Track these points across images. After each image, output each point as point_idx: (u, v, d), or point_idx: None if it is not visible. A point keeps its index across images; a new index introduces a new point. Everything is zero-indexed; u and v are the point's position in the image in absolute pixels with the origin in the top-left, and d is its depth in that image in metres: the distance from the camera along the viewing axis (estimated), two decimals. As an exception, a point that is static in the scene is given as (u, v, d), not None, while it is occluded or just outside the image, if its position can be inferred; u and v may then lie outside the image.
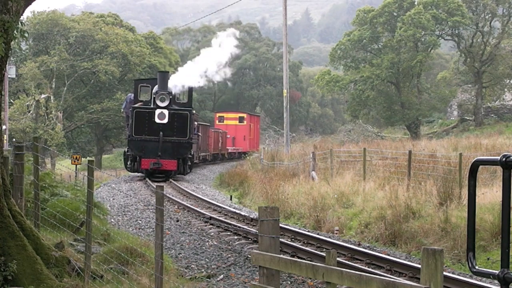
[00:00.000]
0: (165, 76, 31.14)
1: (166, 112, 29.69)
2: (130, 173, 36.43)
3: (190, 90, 32.10)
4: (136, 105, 31.07)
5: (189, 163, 32.53)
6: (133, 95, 34.60)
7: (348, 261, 11.99)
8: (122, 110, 39.89)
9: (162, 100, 29.64)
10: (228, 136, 53.40)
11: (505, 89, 68.44)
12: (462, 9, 62.88)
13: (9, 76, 41.87)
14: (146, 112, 30.32)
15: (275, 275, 6.08)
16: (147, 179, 30.74)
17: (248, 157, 45.35)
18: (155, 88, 31.14)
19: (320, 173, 26.58)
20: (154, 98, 30.32)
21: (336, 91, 70.42)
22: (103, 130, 65.47)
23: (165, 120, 29.66)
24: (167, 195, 21.27)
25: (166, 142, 29.60)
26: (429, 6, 62.57)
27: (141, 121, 29.92)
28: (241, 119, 58.13)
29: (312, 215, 19.65)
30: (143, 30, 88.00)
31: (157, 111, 29.60)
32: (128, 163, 32.19)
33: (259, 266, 6.15)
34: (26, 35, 12.56)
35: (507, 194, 4.18)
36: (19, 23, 10.68)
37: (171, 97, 29.96)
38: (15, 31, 10.50)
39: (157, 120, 29.57)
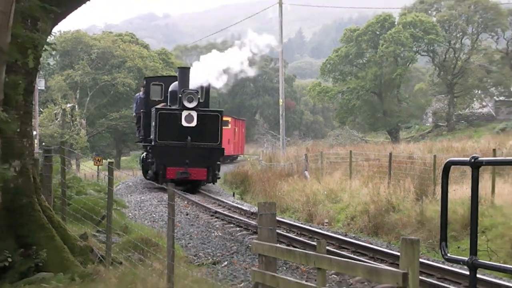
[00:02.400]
0: (186, 72, 23.92)
1: (194, 114, 22.68)
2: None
3: (208, 88, 25.89)
4: (159, 107, 24.02)
5: (218, 171, 24.82)
6: (140, 95, 28.83)
7: (336, 249, 12.00)
8: (133, 113, 31.55)
9: (190, 100, 22.51)
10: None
11: (474, 99, 68.74)
12: (436, 28, 62.97)
13: (39, 87, 41.83)
14: (172, 114, 23.08)
15: (273, 262, 6.10)
16: None
17: (249, 159, 45.31)
18: (172, 87, 24.76)
19: (312, 172, 26.58)
20: (180, 98, 23.01)
21: (326, 100, 70.51)
22: (121, 135, 65.35)
23: (193, 123, 22.67)
24: (178, 192, 21.20)
25: (194, 148, 22.85)
26: (408, 25, 62.61)
27: (166, 124, 22.84)
28: (225, 123, 50.78)
29: (305, 210, 19.69)
30: (156, 47, 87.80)
31: (184, 113, 22.61)
32: (149, 172, 24.80)
33: (259, 254, 6.17)
34: (54, 52, 12.59)
35: (475, 190, 4.22)
36: (47, 40, 10.71)
37: (199, 96, 23.28)
38: (44, 47, 10.55)
39: (184, 123, 22.63)
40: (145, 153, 26.48)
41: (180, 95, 23.05)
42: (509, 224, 13.30)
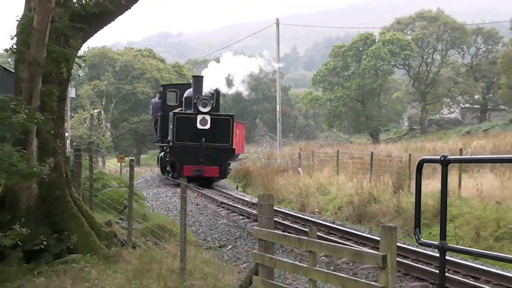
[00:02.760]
0: (200, 80, 23.21)
1: (208, 117, 21.98)
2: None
3: (218, 93, 25.02)
4: (176, 111, 23.28)
5: (229, 169, 24.41)
6: (155, 100, 28.24)
7: (326, 235, 12.02)
8: (151, 117, 30.42)
9: (204, 106, 21.95)
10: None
11: (443, 106, 69.02)
12: (411, 45, 63.01)
13: (70, 95, 41.87)
14: (187, 117, 22.36)
15: (271, 246, 6.11)
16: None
17: (250, 157, 45.27)
18: (187, 93, 24.21)
19: (304, 169, 26.60)
20: (195, 103, 22.23)
21: (317, 107, 70.65)
22: (140, 136, 65.33)
23: (207, 126, 22.02)
24: (189, 185, 20.94)
25: (208, 148, 22.07)
26: (386, 43, 62.68)
27: (183, 127, 22.19)
28: None
29: (298, 201, 19.71)
30: (171, 61, 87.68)
31: (199, 117, 21.95)
32: (168, 168, 24.03)
33: (259, 239, 6.17)
34: (83, 64, 12.61)
35: (444, 184, 4.23)
36: (77, 55, 10.73)
37: (212, 102, 22.60)
38: (75, 60, 10.56)
39: (199, 126, 21.95)
40: (163, 152, 25.65)
41: (195, 101, 22.32)
42: (473, 214, 13.32)
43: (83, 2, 10.37)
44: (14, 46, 9.51)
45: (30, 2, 9.50)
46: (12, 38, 9.53)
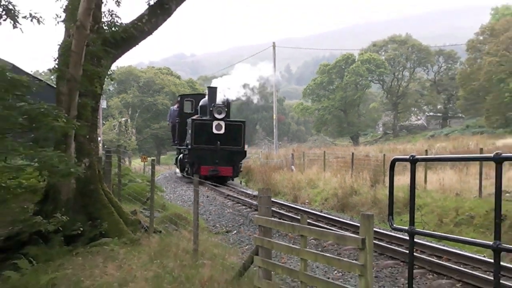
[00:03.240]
0: (214, 90, 22.23)
1: (222, 123, 20.98)
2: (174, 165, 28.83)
3: (229, 103, 23.59)
4: (194, 117, 22.13)
5: (241, 169, 23.17)
6: (174, 108, 26.96)
7: (314, 222, 11.99)
8: (168, 122, 29.36)
9: (219, 113, 20.96)
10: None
11: (412, 114, 69.00)
12: (384, 64, 63.19)
13: (102, 106, 41.87)
14: (204, 123, 21.29)
15: (269, 231, 6.09)
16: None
17: (251, 157, 45.22)
18: (202, 102, 23.36)
19: (296, 166, 26.58)
20: (211, 110, 21.26)
21: (307, 115, 70.89)
22: (160, 140, 65.20)
23: (222, 131, 20.98)
24: (201, 180, 20.76)
25: (223, 150, 20.95)
26: (364, 62, 62.85)
27: (200, 131, 21.10)
28: None
29: (291, 193, 19.68)
30: (185, 77, 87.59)
31: (215, 123, 20.91)
32: (187, 168, 22.91)
33: (259, 225, 6.16)
34: (112, 81, 12.62)
35: (413, 179, 4.22)
36: (108, 73, 10.73)
37: (226, 109, 21.57)
38: (106, 77, 10.57)
39: (214, 131, 20.90)
40: (181, 154, 24.18)
41: (211, 108, 21.31)
42: (437, 204, 13.31)
43: (113, 29, 10.39)
44: (56, 66, 9.52)
45: (69, 29, 9.51)
46: (54, 60, 9.55)
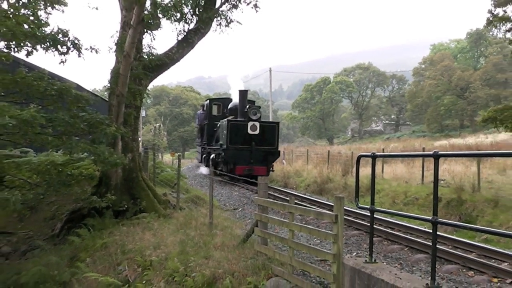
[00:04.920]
0: (245, 94, 18.35)
1: (257, 124, 16.88)
2: (198, 161, 25.55)
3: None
4: (230, 118, 17.74)
5: (272, 168, 18.15)
6: (200, 112, 22.89)
7: (300, 202, 11.95)
8: (195, 125, 24.28)
9: (254, 114, 16.90)
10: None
11: (372, 122, 68.88)
12: (352, 85, 63.22)
13: (142, 115, 41.76)
14: (240, 124, 17.00)
15: (266, 209, 6.08)
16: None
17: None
18: (232, 104, 19.24)
19: (287, 161, 26.53)
20: (245, 112, 17.06)
21: (294, 122, 70.84)
22: (185, 140, 65.13)
23: (257, 131, 16.82)
24: (215, 170, 20.46)
25: (257, 150, 16.85)
26: (338, 83, 63.02)
27: (236, 132, 16.92)
28: None
29: (282, 180, 19.59)
30: (204, 94, 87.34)
31: (250, 123, 16.76)
32: (220, 167, 17.98)
33: (258, 204, 6.15)
34: (149, 96, 12.60)
35: (373, 171, 4.21)
36: (146, 90, 10.74)
37: (260, 111, 17.41)
38: (145, 94, 10.57)
39: (249, 131, 16.77)
40: (212, 154, 19.41)
41: (245, 110, 17.13)
42: (390, 189, 13.28)
43: (150, 58, 10.40)
44: (109, 85, 9.53)
45: (118, 58, 9.52)
46: (108, 81, 9.57)
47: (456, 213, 10.27)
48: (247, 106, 17.40)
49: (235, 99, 20.08)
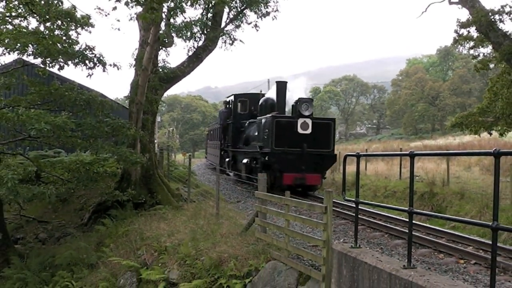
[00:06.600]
0: (284, 85, 11.86)
1: (309, 121, 10.46)
2: (205, 159, 20.53)
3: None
4: (275, 114, 10.82)
5: (325, 176, 12.05)
6: (223, 109, 16.94)
7: (294, 195, 11.87)
8: (218, 125, 17.76)
9: (306, 108, 10.44)
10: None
11: (357, 126, 68.89)
12: (339, 94, 63.17)
13: (157, 120, 41.69)
14: (287, 122, 10.50)
15: (265, 201, 6.09)
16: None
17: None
18: (263, 100, 12.92)
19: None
20: (294, 106, 10.83)
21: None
22: (195, 142, 65.14)
23: (308, 131, 10.46)
24: (221, 168, 19.83)
25: (310, 154, 10.62)
26: (327, 92, 63.14)
27: (282, 132, 10.45)
28: None
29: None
30: (211, 102, 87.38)
31: (300, 121, 10.37)
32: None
33: (258, 197, 6.16)
34: (164, 104, 12.62)
35: (358, 168, 4.22)
36: (161, 99, 10.76)
37: (313, 105, 11.00)
38: (160, 102, 10.60)
39: (300, 131, 10.39)
40: (247, 159, 13.00)
41: (294, 104, 11.02)
42: (372, 183, 13.26)
43: (165, 71, 10.44)
44: (129, 95, 9.57)
45: (137, 71, 9.55)
46: (129, 92, 9.59)
47: (429, 204, 10.28)
48: (298, 98, 10.97)
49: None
